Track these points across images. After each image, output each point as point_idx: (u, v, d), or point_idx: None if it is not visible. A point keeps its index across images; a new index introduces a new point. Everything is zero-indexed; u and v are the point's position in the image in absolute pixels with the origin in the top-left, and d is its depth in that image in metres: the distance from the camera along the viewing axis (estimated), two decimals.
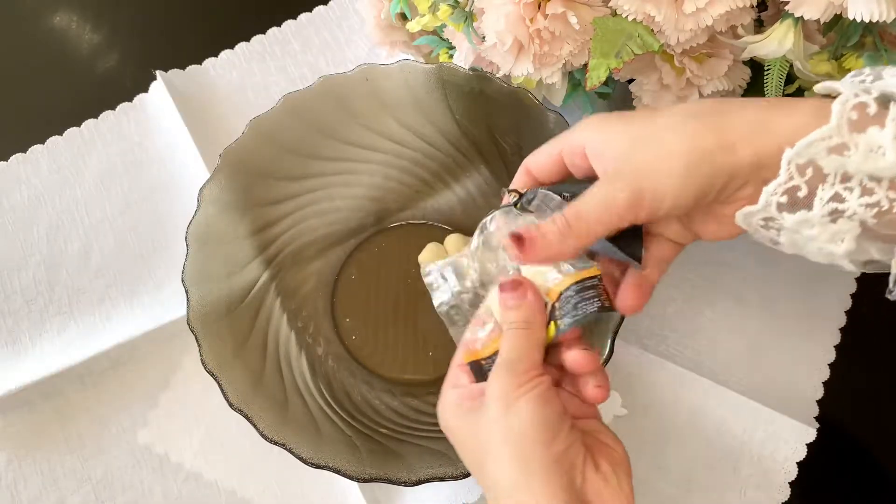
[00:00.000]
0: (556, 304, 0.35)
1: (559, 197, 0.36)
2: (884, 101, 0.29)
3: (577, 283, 0.35)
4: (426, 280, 0.39)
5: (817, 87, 0.32)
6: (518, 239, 0.33)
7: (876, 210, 0.29)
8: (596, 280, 0.35)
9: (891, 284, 0.31)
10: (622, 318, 0.45)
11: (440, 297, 0.39)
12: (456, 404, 0.35)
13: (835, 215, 0.30)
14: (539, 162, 0.37)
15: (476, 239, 0.39)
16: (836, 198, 0.29)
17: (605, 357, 0.44)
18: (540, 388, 0.33)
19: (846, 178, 0.29)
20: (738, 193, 0.32)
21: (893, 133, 0.28)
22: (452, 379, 0.37)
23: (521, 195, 0.38)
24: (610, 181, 0.33)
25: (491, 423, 0.33)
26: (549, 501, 0.31)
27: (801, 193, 0.30)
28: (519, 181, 0.39)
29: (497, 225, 0.38)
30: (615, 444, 0.35)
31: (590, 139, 0.34)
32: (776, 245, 0.33)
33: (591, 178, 0.35)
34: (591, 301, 0.35)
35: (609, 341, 0.45)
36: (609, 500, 0.32)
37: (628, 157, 0.32)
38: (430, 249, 0.57)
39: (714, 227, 0.34)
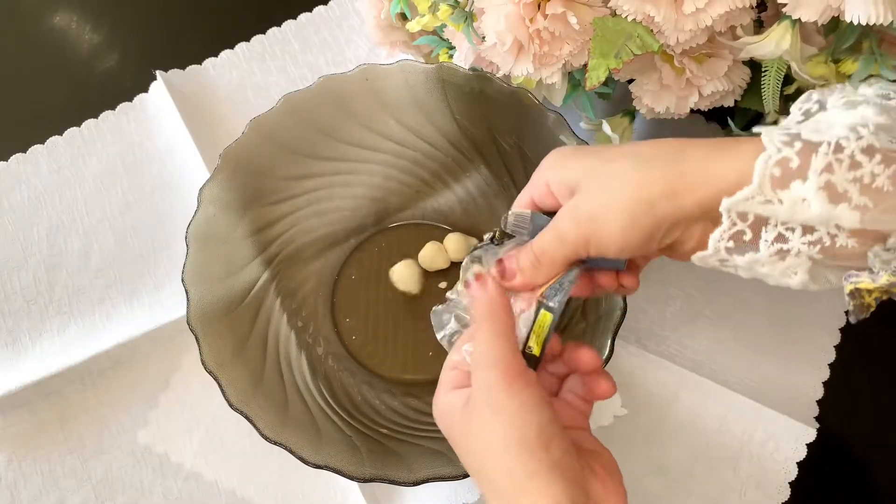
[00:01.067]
0: (545, 295, 0.36)
1: (528, 214, 0.38)
2: (809, 148, 0.30)
3: (558, 278, 0.37)
4: (432, 319, 0.40)
5: (755, 129, 0.32)
6: (501, 268, 0.37)
7: (819, 247, 0.30)
8: (577, 270, 0.36)
9: (848, 310, 0.32)
10: (622, 318, 0.45)
11: (440, 333, 0.40)
12: (452, 408, 0.36)
13: (782, 254, 0.31)
14: (520, 205, 0.39)
15: (463, 275, 0.40)
16: (780, 238, 0.31)
17: (605, 357, 0.45)
18: (528, 389, 0.33)
19: (786, 222, 0.30)
20: (687, 234, 0.33)
21: (815, 186, 0.29)
22: (446, 382, 0.37)
23: (496, 232, 0.40)
24: (562, 220, 0.35)
25: (483, 431, 0.33)
26: (557, 502, 0.31)
27: (747, 237, 0.31)
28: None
29: (485, 260, 0.39)
30: (602, 451, 0.35)
31: (553, 176, 0.36)
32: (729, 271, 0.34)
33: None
34: (574, 282, 0.36)
35: (609, 341, 0.45)
36: (609, 501, 0.33)
37: (578, 201, 0.34)
38: (429, 248, 0.57)
39: (676, 256, 0.35)
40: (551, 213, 0.37)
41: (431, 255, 0.57)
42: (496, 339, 0.34)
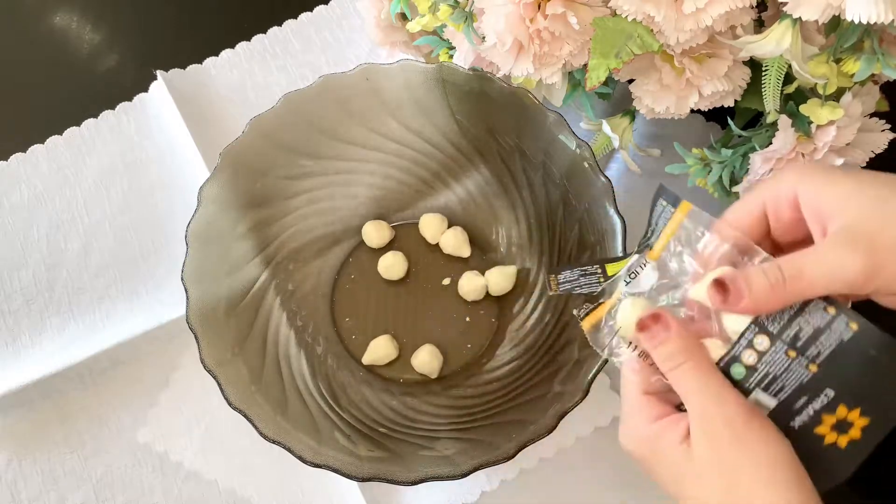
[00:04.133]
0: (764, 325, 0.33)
1: (731, 239, 0.34)
2: None
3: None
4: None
5: None
6: (721, 286, 0.32)
7: None
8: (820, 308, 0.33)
9: None
10: None
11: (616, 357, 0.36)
12: (667, 443, 0.33)
13: None
14: (738, 219, 0.34)
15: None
16: None
17: None
18: (767, 424, 0.31)
19: None
20: None
21: None
22: (647, 414, 0.34)
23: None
24: (841, 246, 0.30)
25: (735, 471, 0.31)
26: None
27: None
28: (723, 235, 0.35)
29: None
30: None
31: (807, 191, 0.32)
32: None
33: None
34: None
35: None
36: None
37: (868, 225, 0.30)
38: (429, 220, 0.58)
39: None
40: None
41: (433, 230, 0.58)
42: (714, 377, 0.32)
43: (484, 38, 0.47)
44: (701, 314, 0.34)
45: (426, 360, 0.54)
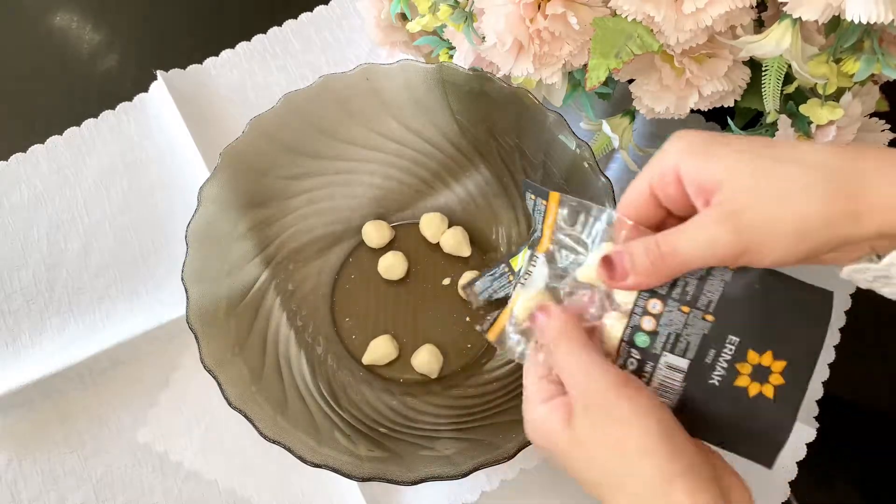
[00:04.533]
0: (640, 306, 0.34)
1: (628, 224, 0.34)
2: None
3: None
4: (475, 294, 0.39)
5: None
6: (606, 261, 0.34)
7: None
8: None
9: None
10: None
11: (514, 354, 0.37)
12: (553, 424, 0.33)
13: None
14: (630, 204, 0.35)
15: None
16: None
17: None
18: (643, 392, 0.32)
19: None
20: (850, 251, 0.31)
21: None
22: (537, 396, 0.35)
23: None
24: (714, 223, 0.31)
25: (604, 439, 0.32)
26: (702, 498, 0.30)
27: None
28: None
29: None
30: (714, 452, 0.34)
31: (687, 166, 0.32)
32: (870, 287, 0.32)
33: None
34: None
35: None
36: (742, 499, 0.32)
37: (740, 202, 0.30)
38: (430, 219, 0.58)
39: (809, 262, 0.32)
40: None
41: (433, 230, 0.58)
42: (585, 352, 0.33)
43: (484, 38, 0.47)
44: (594, 294, 0.35)
45: (426, 359, 0.54)
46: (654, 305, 0.34)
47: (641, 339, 0.34)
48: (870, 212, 0.29)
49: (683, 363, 0.33)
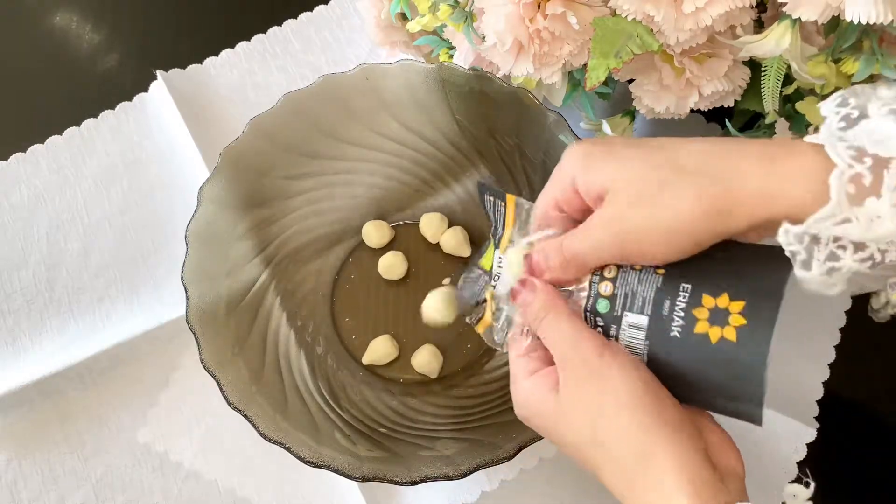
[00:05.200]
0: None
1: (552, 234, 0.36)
2: (879, 163, 0.29)
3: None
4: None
5: (808, 138, 0.31)
6: (529, 263, 0.37)
7: (870, 263, 0.30)
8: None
9: (877, 310, 0.32)
10: None
11: (497, 335, 0.39)
12: (539, 395, 0.35)
13: (832, 272, 0.30)
14: (542, 217, 0.37)
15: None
16: (832, 257, 0.30)
17: None
18: (622, 353, 0.33)
19: (837, 240, 0.30)
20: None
21: (889, 203, 0.29)
22: (521, 371, 0.36)
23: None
24: (598, 229, 0.34)
25: (588, 403, 0.33)
26: (688, 459, 0.30)
27: (800, 257, 0.30)
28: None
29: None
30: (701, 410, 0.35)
31: (580, 176, 0.34)
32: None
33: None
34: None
35: None
36: (724, 458, 0.33)
37: (616, 212, 0.33)
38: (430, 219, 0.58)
39: None
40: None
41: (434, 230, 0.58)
42: (569, 321, 0.34)
43: (484, 38, 0.47)
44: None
45: (426, 359, 0.54)
46: (609, 270, 0.35)
47: (603, 305, 0.35)
48: (741, 208, 0.30)
49: (643, 320, 0.34)
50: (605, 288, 0.35)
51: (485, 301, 0.40)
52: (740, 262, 0.33)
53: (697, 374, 0.32)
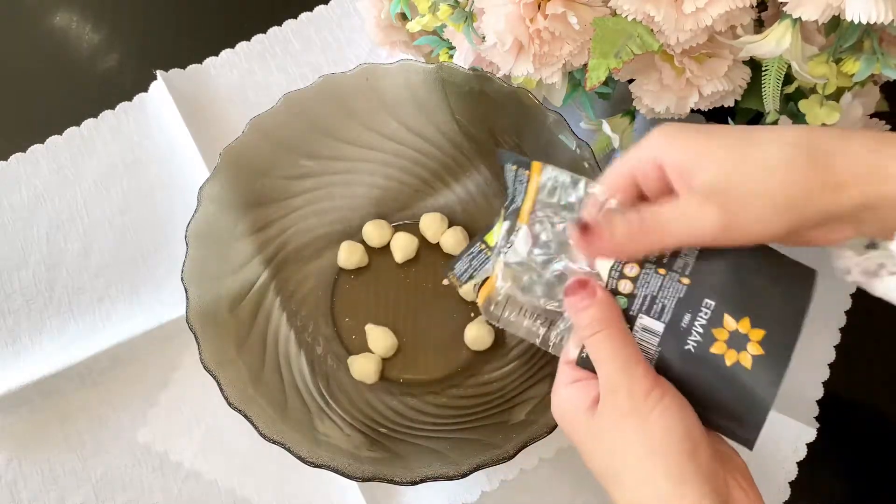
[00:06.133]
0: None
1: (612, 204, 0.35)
2: None
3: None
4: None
5: None
6: (584, 227, 0.33)
7: None
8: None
9: None
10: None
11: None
12: (575, 407, 0.34)
13: None
14: (611, 184, 0.35)
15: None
16: None
17: None
18: (669, 395, 0.32)
19: None
20: (831, 228, 0.31)
21: None
22: (565, 378, 0.35)
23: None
24: (700, 202, 0.31)
25: (622, 437, 0.32)
26: None
27: None
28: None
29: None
30: (735, 454, 0.34)
31: (668, 154, 0.33)
32: (860, 282, 0.32)
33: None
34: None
35: None
36: (746, 495, 0.32)
37: (723, 179, 0.31)
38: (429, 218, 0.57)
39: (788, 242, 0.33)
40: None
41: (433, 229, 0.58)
42: (623, 345, 0.33)
43: (484, 38, 0.47)
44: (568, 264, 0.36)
45: (379, 337, 0.54)
46: (632, 269, 0.34)
47: (620, 302, 0.34)
48: (851, 181, 0.30)
49: (659, 326, 0.33)
50: (625, 286, 0.34)
51: (479, 277, 0.39)
52: (767, 278, 0.32)
53: (705, 390, 0.32)
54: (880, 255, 0.31)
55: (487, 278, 0.38)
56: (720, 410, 0.32)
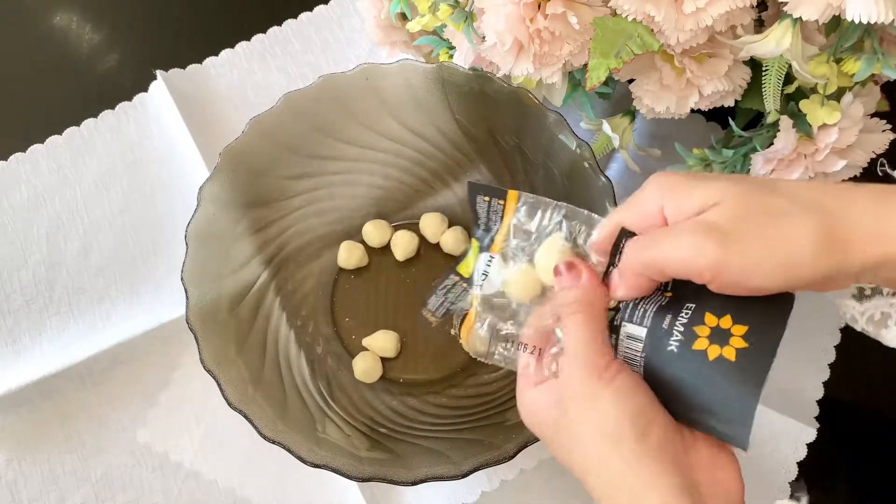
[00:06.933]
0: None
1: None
2: None
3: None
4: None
5: None
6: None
7: None
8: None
9: None
10: None
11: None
12: (540, 407, 0.34)
13: None
14: (605, 239, 0.35)
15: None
16: None
17: None
18: (621, 375, 0.32)
19: None
20: (832, 284, 0.31)
21: None
22: (527, 381, 0.36)
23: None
24: (703, 232, 0.31)
25: (580, 425, 0.32)
26: (664, 490, 0.30)
27: None
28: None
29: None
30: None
31: (672, 200, 0.32)
32: (854, 326, 0.33)
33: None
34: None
35: None
36: (720, 475, 0.32)
37: (730, 222, 0.30)
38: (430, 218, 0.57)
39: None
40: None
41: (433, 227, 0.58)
42: (590, 329, 0.33)
43: (484, 38, 0.47)
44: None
45: (380, 339, 0.54)
46: None
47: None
48: (856, 245, 0.29)
49: (641, 331, 0.33)
50: (609, 302, 0.35)
51: (457, 310, 0.39)
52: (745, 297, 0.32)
53: (690, 390, 0.32)
54: (883, 303, 0.31)
55: (466, 314, 0.38)
56: (709, 410, 0.32)
